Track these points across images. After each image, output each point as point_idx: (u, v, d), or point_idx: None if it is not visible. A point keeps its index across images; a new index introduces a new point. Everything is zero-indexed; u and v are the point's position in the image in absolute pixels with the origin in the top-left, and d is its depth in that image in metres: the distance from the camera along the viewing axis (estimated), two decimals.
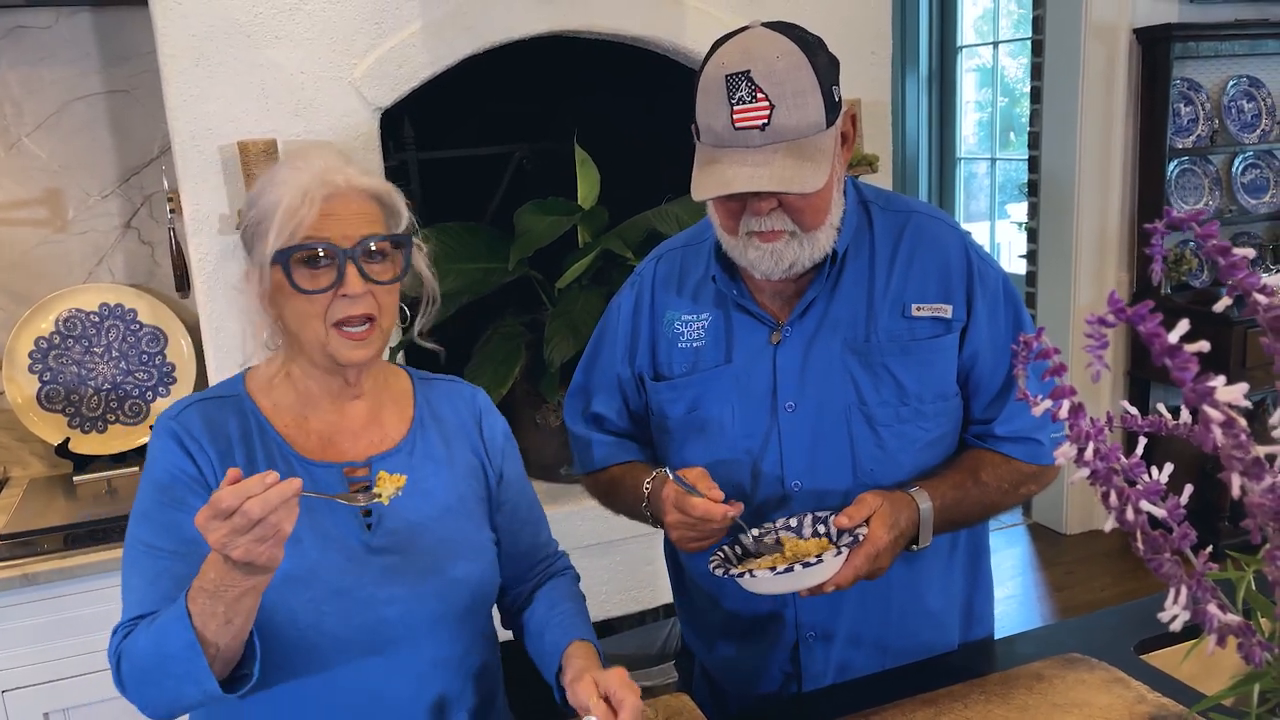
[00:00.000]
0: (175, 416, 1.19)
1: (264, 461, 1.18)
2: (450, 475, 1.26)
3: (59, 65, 2.41)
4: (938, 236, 1.35)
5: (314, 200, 1.12)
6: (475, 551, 1.25)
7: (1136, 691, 1.22)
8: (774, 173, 1.18)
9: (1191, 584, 0.59)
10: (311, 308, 1.14)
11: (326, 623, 1.14)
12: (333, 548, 1.16)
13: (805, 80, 1.19)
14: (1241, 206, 3.71)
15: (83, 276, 2.48)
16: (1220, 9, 3.60)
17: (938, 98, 5.81)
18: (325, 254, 1.13)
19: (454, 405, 1.32)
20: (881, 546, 1.21)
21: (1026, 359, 0.58)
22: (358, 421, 1.24)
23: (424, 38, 2.25)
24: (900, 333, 1.31)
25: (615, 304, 1.50)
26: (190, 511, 1.09)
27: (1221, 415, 0.51)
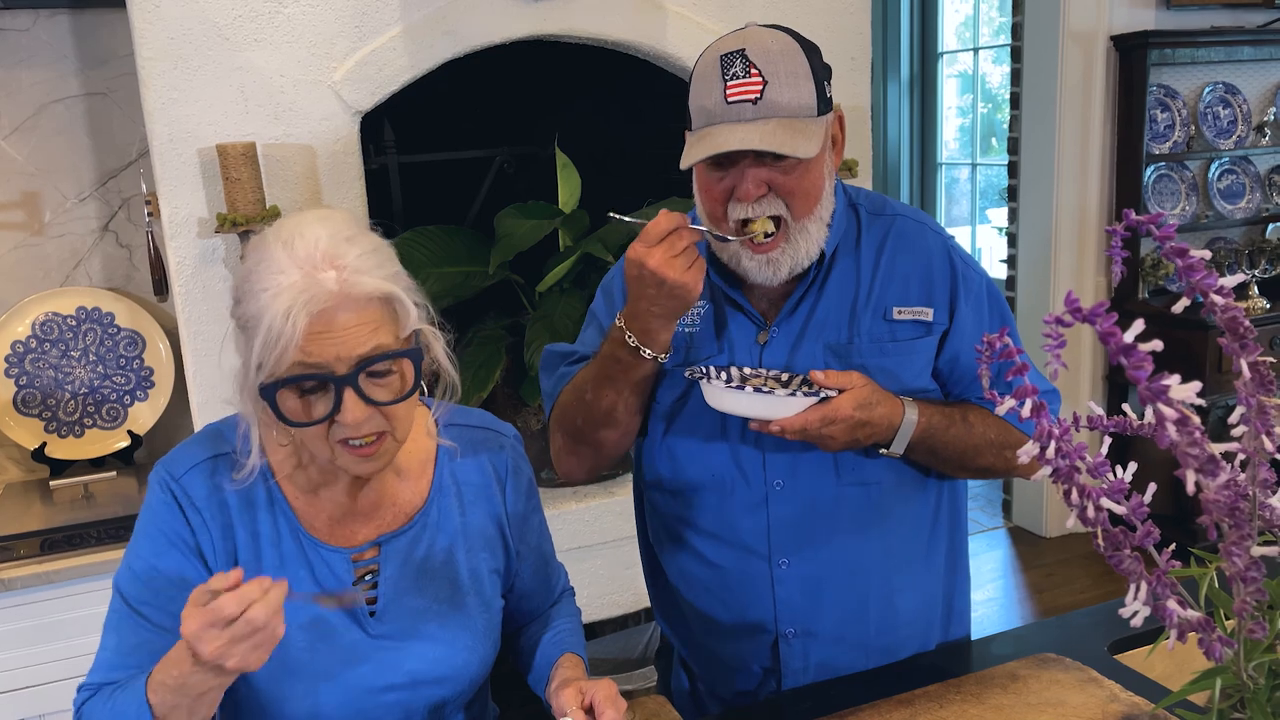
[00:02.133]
0: (179, 479, 1.10)
1: (271, 539, 1.10)
2: (461, 551, 1.19)
3: (37, 67, 2.39)
4: (921, 240, 1.36)
5: (298, 321, 0.96)
6: (481, 634, 1.20)
7: (1109, 690, 1.23)
8: (765, 136, 1.19)
9: (1151, 580, 0.60)
10: (310, 429, 1.03)
11: (323, 711, 1.11)
12: (332, 636, 1.12)
13: (799, 66, 1.22)
14: (1218, 212, 3.75)
15: (60, 280, 2.47)
16: (1196, 16, 3.64)
17: (919, 103, 5.85)
18: (317, 385, 1.00)
19: (480, 465, 1.22)
20: (839, 415, 1.22)
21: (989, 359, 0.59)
22: (370, 501, 1.15)
23: (404, 41, 2.25)
24: (881, 335, 1.33)
25: (607, 282, 1.48)
26: (183, 585, 1.05)
27: (1175, 413, 0.52)
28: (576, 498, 2.45)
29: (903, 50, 5.78)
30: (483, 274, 2.34)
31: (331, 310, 0.97)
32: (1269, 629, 0.59)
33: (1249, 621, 0.57)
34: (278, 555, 1.11)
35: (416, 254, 2.32)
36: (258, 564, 1.10)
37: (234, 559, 1.09)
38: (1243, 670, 0.61)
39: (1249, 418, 0.55)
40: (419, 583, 1.16)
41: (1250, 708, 0.62)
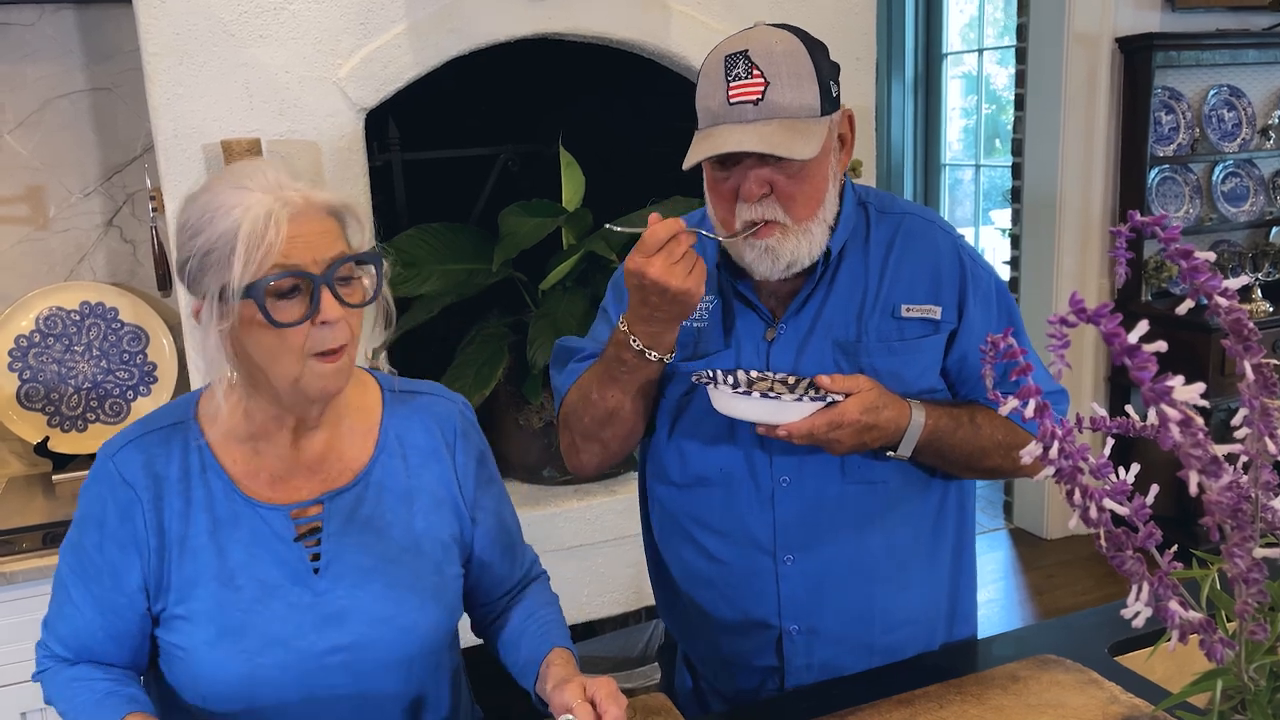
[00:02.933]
0: (113, 456, 1.13)
1: (203, 505, 1.11)
2: (408, 511, 1.19)
3: (42, 62, 2.40)
4: (930, 239, 1.37)
5: (280, 223, 1.02)
6: (431, 595, 1.18)
7: (1110, 692, 1.24)
8: (763, 138, 1.20)
9: (1153, 581, 0.60)
10: (284, 342, 1.05)
11: (263, 673, 1.10)
12: (272, 595, 1.11)
13: (802, 66, 1.22)
14: (1222, 215, 3.75)
15: (64, 275, 2.47)
16: (1201, 18, 3.64)
17: (923, 104, 5.84)
18: (300, 283, 1.04)
19: (427, 425, 1.23)
20: (846, 420, 1.22)
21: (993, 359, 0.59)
22: (314, 455, 1.16)
23: (409, 39, 2.25)
24: (889, 333, 1.33)
25: (617, 278, 1.48)
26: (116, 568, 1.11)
27: (1179, 414, 0.52)
28: (578, 496, 2.45)
29: (907, 51, 5.77)
30: (486, 272, 2.34)
31: (300, 217, 1.04)
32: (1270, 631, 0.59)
33: (1250, 623, 0.57)
34: (210, 519, 1.12)
35: (420, 251, 2.32)
36: (185, 529, 1.11)
37: (163, 528, 1.11)
38: (1244, 672, 0.62)
39: (1252, 420, 0.55)
40: (364, 540, 1.15)
41: (1251, 709, 0.62)
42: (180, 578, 1.11)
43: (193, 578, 1.11)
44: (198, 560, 1.11)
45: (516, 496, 2.44)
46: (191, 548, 1.11)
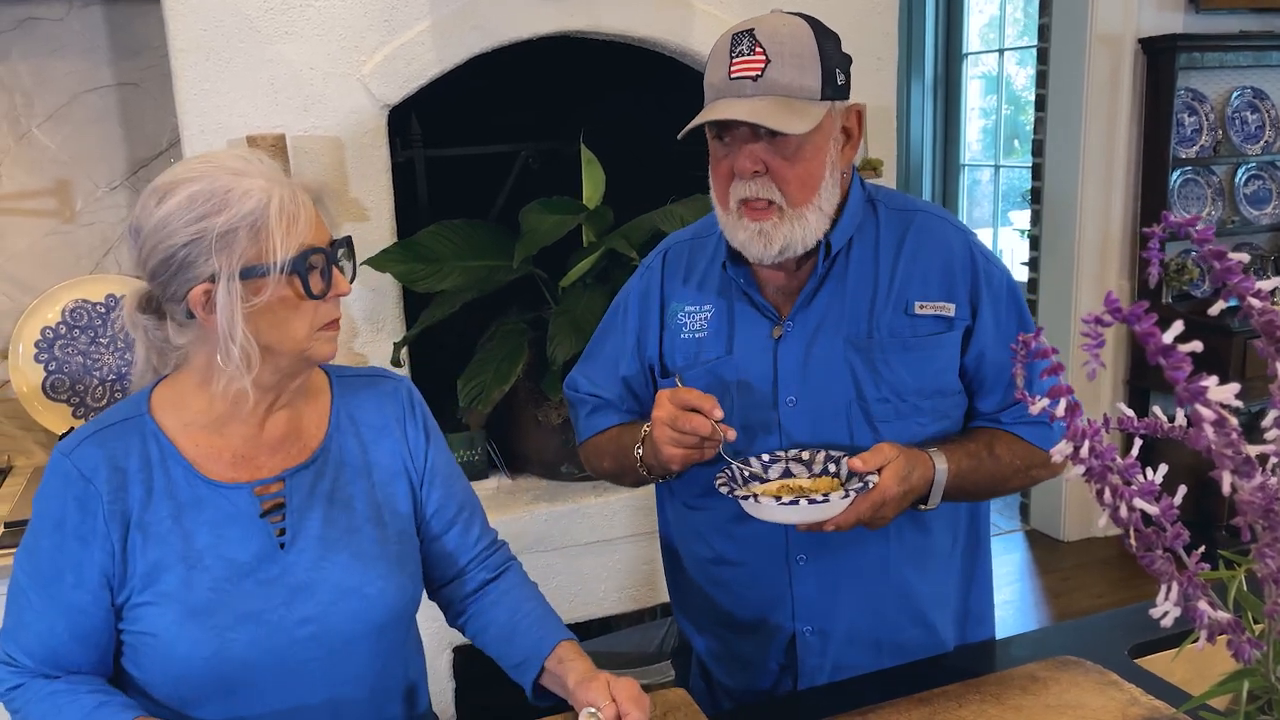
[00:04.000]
0: (70, 453, 1.12)
1: (164, 491, 1.12)
2: (368, 484, 1.22)
3: (70, 57, 2.42)
4: (942, 235, 1.36)
5: (304, 203, 1.09)
6: (393, 566, 1.20)
7: (1130, 694, 1.24)
8: (753, 110, 1.21)
9: (1182, 581, 0.60)
10: (302, 315, 1.10)
11: (233, 649, 1.10)
12: (240, 572, 1.12)
13: (805, 48, 1.24)
14: (1244, 217, 3.72)
15: (90, 267, 2.50)
16: (1225, 20, 3.61)
17: (942, 104, 5.82)
18: (324, 259, 1.10)
19: (377, 403, 1.26)
20: (889, 497, 1.21)
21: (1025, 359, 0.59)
22: (277, 433, 1.18)
23: (433, 36, 2.27)
24: (902, 330, 1.32)
25: (623, 296, 1.51)
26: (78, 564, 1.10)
27: (1213, 414, 0.53)
28: (596, 493, 2.46)
29: (926, 51, 5.75)
30: (507, 268, 2.35)
31: (305, 200, 1.11)
32: None
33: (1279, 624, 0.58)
34: (173, 505, 1.12)
35: (441, 247, 2.34)
36: (148, 517, 1.11)
37: (126, 517, 1.11)
38: (1271, 673, 0.62)
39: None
40: (328, 514, 1.18)
41: (1277, 710, 0.62)
42: (145, 564, 1.11)
43: (158, 563, 1.11)
44: (163, 545, 1.11)
45: (534, 492, 2.46)
46: (155, 534, 1.11)
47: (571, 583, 2.45)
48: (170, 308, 1.11)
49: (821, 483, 1.26)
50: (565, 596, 2.43)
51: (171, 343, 1.13)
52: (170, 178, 1.09)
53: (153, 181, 1.11)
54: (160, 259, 1.07)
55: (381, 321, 2.37)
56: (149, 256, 1.08)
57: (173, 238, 1.06)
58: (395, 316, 2.39)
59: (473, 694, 2.43)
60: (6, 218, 2.43)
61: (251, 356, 1.08)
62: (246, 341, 1.07)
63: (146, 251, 1.08)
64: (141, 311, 1.14)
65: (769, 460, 1.29)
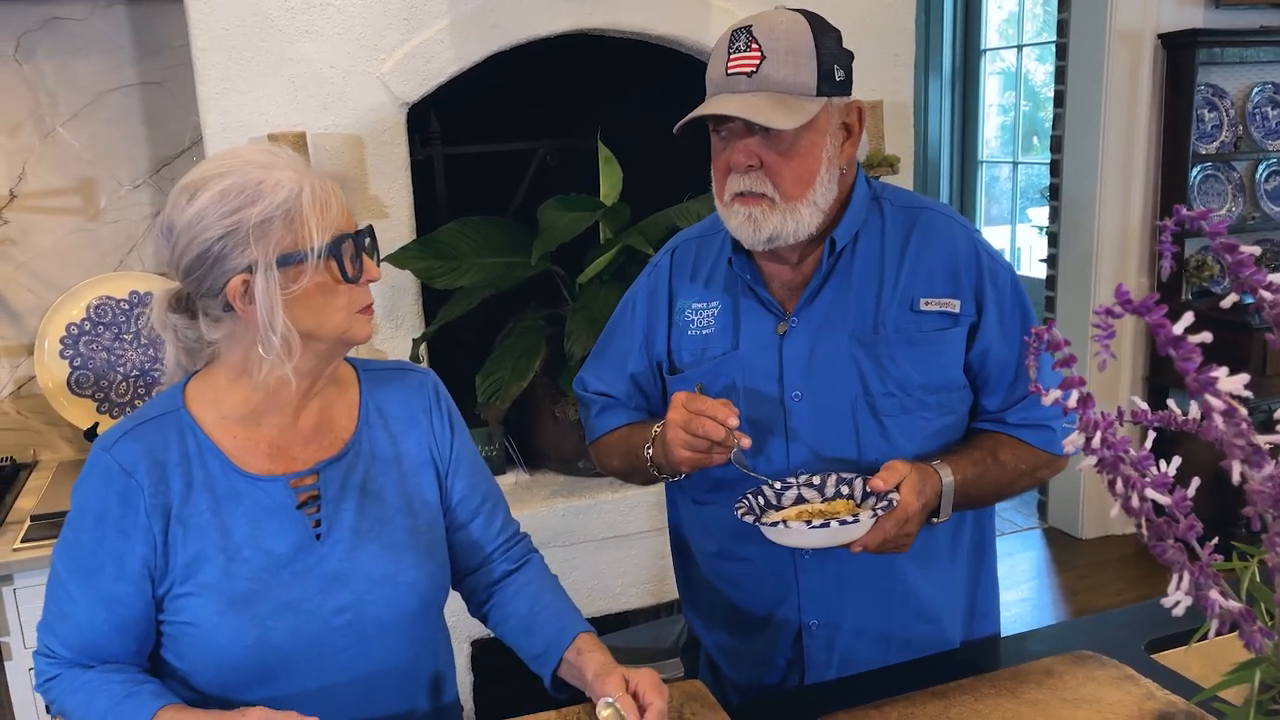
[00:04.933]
0: (110, 448, 1.14)
1: (203, 485, 1.14)
2: (398, 475, 1.24)
3: (94, 56, 2.45)
4: (947, 232, 1.37)
5: (334, 192, 1.12)
6: (424, 555, 1.23)
7: (1146, 689, 1.24)
8: (744, 105, 1.23)
9: (1194, 571, 0.61)
10: (337, 300, 1.12)
11: (273, 637, 1.13)
12: (278, 563, 1.15)
13: (802, 45, 1.25)
14: (1265, 213, 3.70)
15: (114, 264, 2.53)
16: (1246, 15, 3.59)
17: (960, 100, 5.80)
18: (353, 245, 1.13)
19: (403, 397, 1.29)
20: (912, 513, 1.22)
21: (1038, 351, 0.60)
22: (310, 424, 1.20)
23: (451, 34, 2.29)
24: (907, 325, 1.33)
25: (632, 294, 1.52)
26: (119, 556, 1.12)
27: (1223, 404, 0.53)
28: (612, 488, 2.47)
29: (945, 46, 5.73)
30: (524, 265, 2.36)
31: (333, 188, 1.14)
32: None
33: None
34: (212, 498, 1.15)
35: (460, 244, 2.35)
36: (188, 510, 1.14)
37: (166, 510, 1.13)
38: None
39: None
40: (361, 505, 1.20)
41: None
42: (186, 556, 1.13)
43: (198, 555, 1.13)
44: (203, 538, 1.13)
45: (552, 487, 2.48)
46: (196, 526, 1.14)
47: (588, 578, 2.47)
48: (205, 303, 1.12)
49: (837, 505, 1.27)
50: (582, 591, 2.44)
51: (204, 339, 1.15)
52: (199, 175, 1.11)
53: (180, 181, 1.12)
54: (195, 254, 1.09)
55: (400, 318, 2.39)
56: (183, 253, 1.10)
57: (208, 232, 1.08)
58: (414, 313, 2.41)
59: (490, 687, 2.45)
60: (32, 216, 2.47)
61: (292, 343, 1.10)
62: (287, 329, 1.09)
63: (180, 249, 1.10)
64: (172, 311, 1.16)
65: (781, 487, 1.31)
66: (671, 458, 1.28)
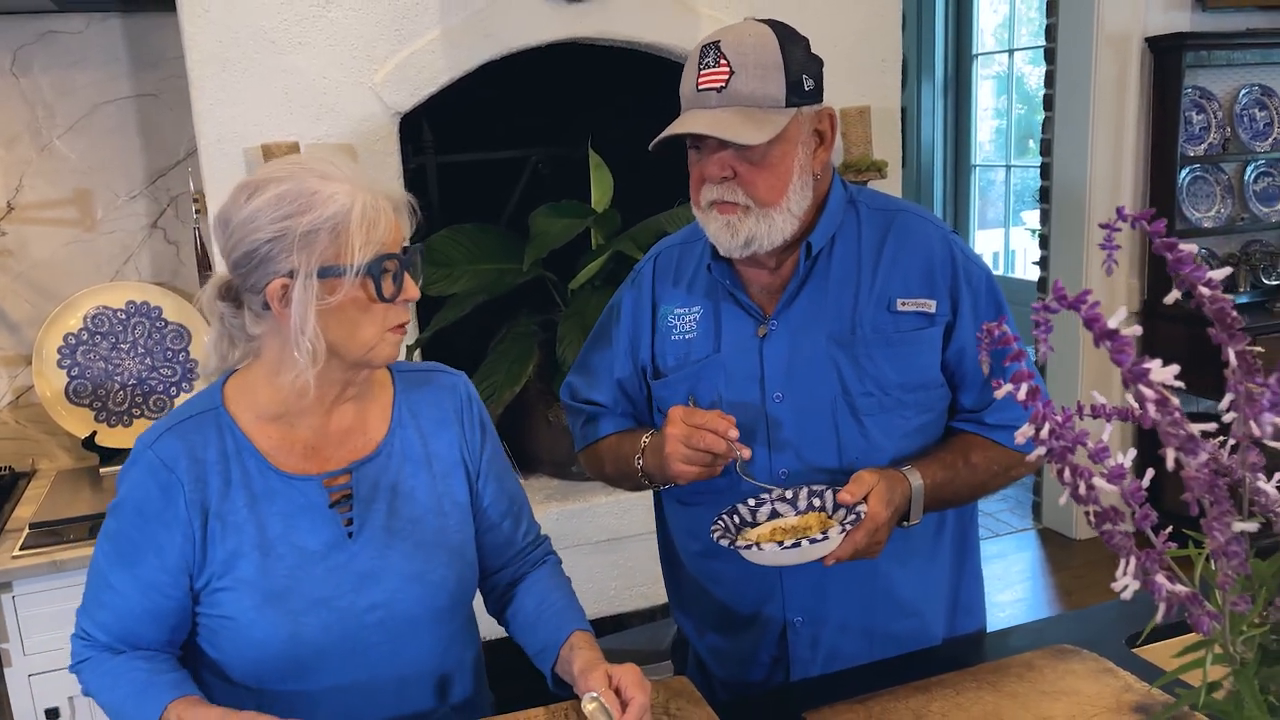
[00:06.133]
0: (152, 444, 1.18)
1: (240, 482, 1.18)
2: (429, 476, 1.27)
3: (89, 69, 2.48)
4: (922, 234, 1.39)
5: (385, 210, 1.15)
6: (454, 554, 1.26)
7: (1124, 681, 1.26)
8: (714, 122, 1.26)
9: (1140, 555, 0.63)
10: (372, 316, 1.16)
11: (306, 633, 1.17)
12: (312, 560, 1.18)
13: (769, 58, 1.27)
14: (1254, 214, 3.72)
15: (110, 275, 2.56)
16: (1232, 18, 3.62)
17: (953, 105, 5.84)
18: (397, 264, 1.16)
19: (436, 398, 1.32)
20: (880, 522, 1.25)
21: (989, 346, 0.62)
22: (344, 425, 1.24)
23: (443, 44, 2.31)
24: (885, 326, 1.36)
25: (616, 300, 1.55)
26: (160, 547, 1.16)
27: (1155, 394, 0.56)
28: (606, 492, 2.49)
29: (937, 52, 5.77)
30: (517, 271, 2.39)
31: (386, 207, 1.16)
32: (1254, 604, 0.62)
33: (1232, 594, 0.60)
34: (248, 495, 1.19)
35: (453, 251, 2.38)
36: (226, 506, 1.18)
37: (205, 506, 1.17)
38: (1229, 644, 0.65)
39: (1238, 404, 0.58)
40: (392, 504, 1.23)
41: (1238, 680, 0.65)
42: (224, 552, 1.17)
43: (235, 550, 1.17)
44: (240, 534, 1.18)
45: (546, 491, 2.50)
46: (233, 523, 1.18)
47: (583, 581, 2.47)
48: (248, 298, 1.17)
49: (810, 519, 1.30)
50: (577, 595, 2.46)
51: (247, 331, 1.19)
52: (261, 175, 1.16)
53: (245, 178, 1.18)
54: (244, 251, 1.13)
55: None
56: (234, 248, 1.14)
57: (258, 232, 1.12)
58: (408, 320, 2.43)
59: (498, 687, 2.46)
60: (29, 227, 2.49)
61: (318, 351, 1.13)
62: (315, 337, 1.13)
63: (233, 243, 1.14)
64: (221, 299, 1.20)
65: (755, 504, 1.33)
66: (669, 471, 1.30)
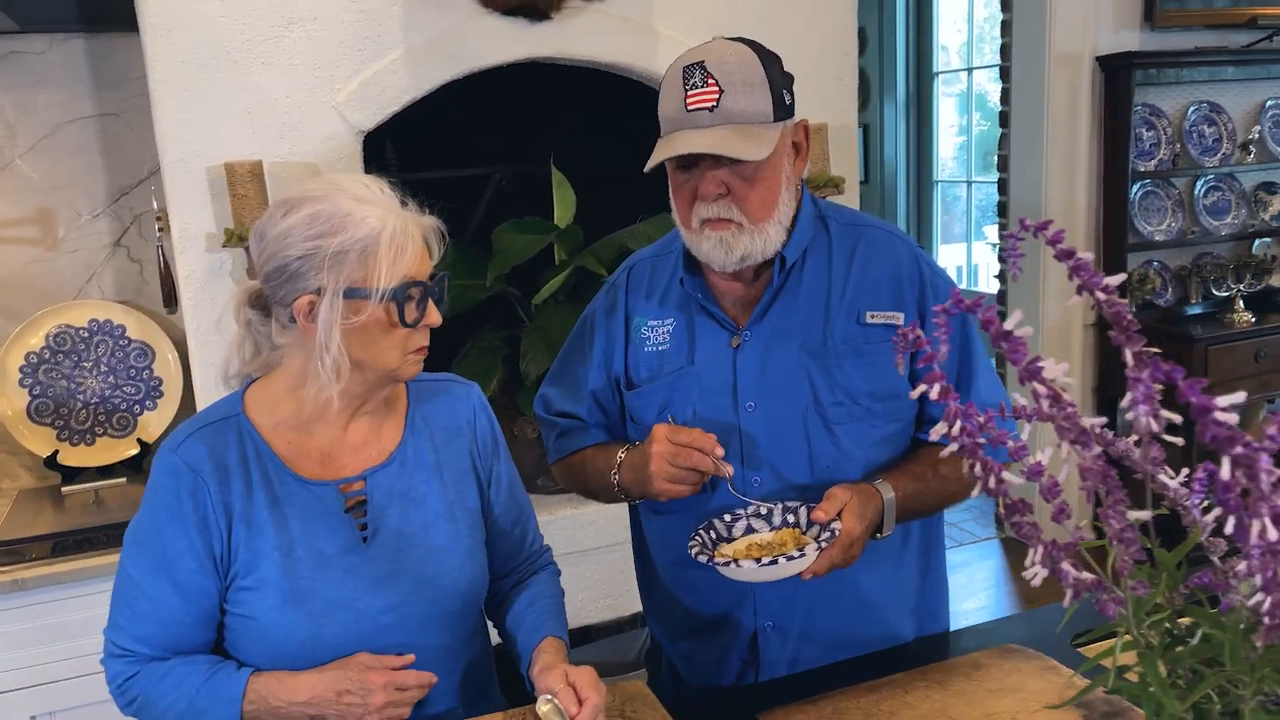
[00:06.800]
0: (177, 449, 1.22)
1: (261, 486, 1.22)
2: (441, 482, 1.31)
3: (52, 89, 2.49)
4: (890, 249, 1.44)
5: (414, 237, 1.18)
6: (466, 558, 1.30)
7: (1066, 677, 1.30)
8: (716, 140, 1.28)
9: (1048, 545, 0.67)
10: (393, 338, 1.19)
11: (325, 634, 1.21)
12: (329, 563, 1.22)
13: (754, 75, 1.31)
14: (1204, 228, 3.81)
15: (73, 293, 2.55)
16: (1180, 37, 3.72)
17: (915, 122, 5.94)
18: (421, 291, 1.20)
19: (449, 407, 1.36)
20: (855, 537, 1.28)
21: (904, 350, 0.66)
22: (359, 436, 1.28)
23: (405, 64, 2.34)
24: (854, 337, 1.40)
25: (590, 312, 1.57)
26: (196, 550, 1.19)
27: (1047, 390, 0.60)
28: (572, 504, 2.52)
29: (899, 70, 5.87)
30: (481, 287, 2.42)
31: (416, 234, 1.20)
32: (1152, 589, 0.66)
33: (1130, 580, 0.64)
34: (269, 497, 1.22)
35: None
36: (249, 508, 1.22)
37: (229, 507, 1.21)
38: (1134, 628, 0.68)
39: (1137, 400, 0.62)
40: (405, 511, 1.27)
41: (1143, 662, 0.69)
42: (248, 552, 1.21)
43: (258, 551, 1.21)
44: (263, 535, 1.21)
45: None
46: (257, 524, 1.22)
47: None
48: (277, 310, 1.21)
49: (785, 534, 1.33)
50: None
51: (272, 340, 1.24)
52: (299, 193, 1.20)
53: (283, 195, 1.22)
54: (276, 265, 1.18)
55: None
56: (267, 261, 1.19)
57: (290, 249, 1.16)
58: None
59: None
60: None
61: (341, 368, 1.18)
62: (339, 354, 1.17)
63: (266, 256, 1.19)
64: (250, 306, 1.25)
65: (731, 520, 1.36)
66: (652, 488, 1.33)
